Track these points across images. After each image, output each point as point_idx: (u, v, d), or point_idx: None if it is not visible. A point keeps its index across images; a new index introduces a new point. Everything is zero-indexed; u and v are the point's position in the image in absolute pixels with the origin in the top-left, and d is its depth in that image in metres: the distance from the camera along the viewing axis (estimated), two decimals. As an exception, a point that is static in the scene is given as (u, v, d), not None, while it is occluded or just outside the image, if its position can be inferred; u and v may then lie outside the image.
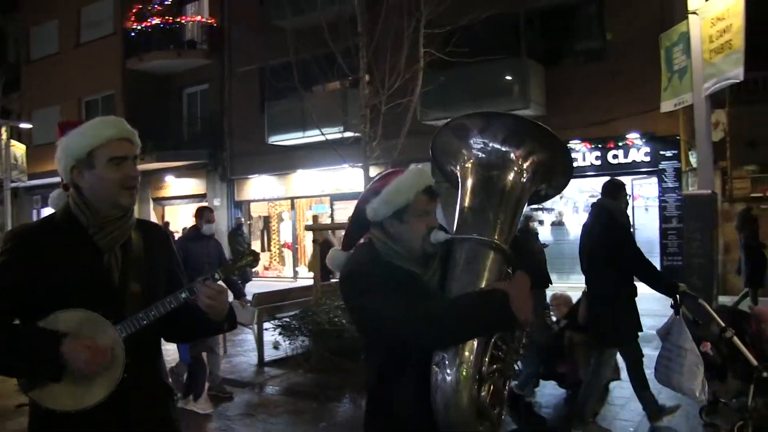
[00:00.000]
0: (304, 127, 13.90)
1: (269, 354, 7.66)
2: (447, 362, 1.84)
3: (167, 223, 18.73)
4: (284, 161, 16.44)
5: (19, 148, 18.44)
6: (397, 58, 9.03)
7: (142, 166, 18.20)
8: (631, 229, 5.34)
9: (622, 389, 5.57)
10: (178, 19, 18.44)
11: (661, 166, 12.72)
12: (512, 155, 2.00)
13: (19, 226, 2.12)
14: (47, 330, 1.82)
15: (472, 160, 2.06)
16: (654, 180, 12.96)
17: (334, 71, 9.95)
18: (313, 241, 8.88)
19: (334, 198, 16.56)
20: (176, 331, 2.14)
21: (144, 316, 1.92)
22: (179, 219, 19.87)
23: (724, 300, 9.11)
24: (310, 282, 9.36)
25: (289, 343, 7.39)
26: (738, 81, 8.11)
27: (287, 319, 7.51)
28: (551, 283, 6.77)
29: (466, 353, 1.83)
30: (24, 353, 1.80)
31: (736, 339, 4.24)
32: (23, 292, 1.85)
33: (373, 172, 9.17)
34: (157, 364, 2.11)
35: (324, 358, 7.00)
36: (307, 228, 8.74)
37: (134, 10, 18.86)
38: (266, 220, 19.14)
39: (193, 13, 19.12)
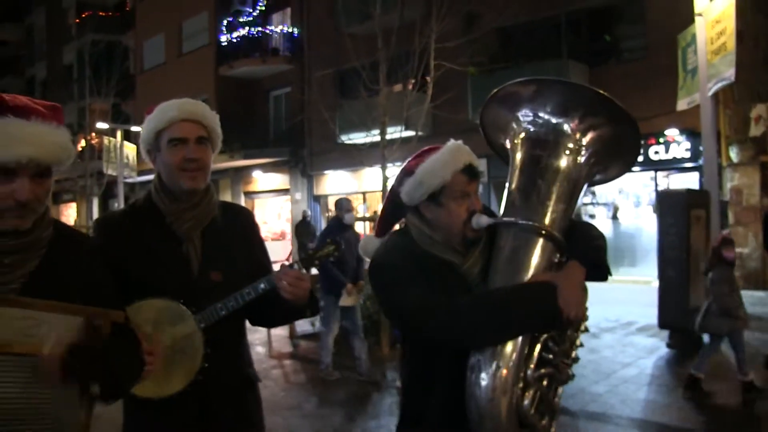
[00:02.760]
0: (368, 127, 15.26)
1: (302, 329, 8.94)
2: (482, 365, 1.63)
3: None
4: (355, 158, 17.84)
5: (130, 149, 21.20)
6: (411, 69, 10.28)
7: (232, 163, 20.34)
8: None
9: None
10: (262, 29, 20.35)
11: (701, 162, 12.92)
12: (568, 127, 1.74)
13: (104, 213, 2.23)
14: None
15: (522, 134, 1.80)
16: (695, 175, 13.21)
17: (393, 75, 11.17)
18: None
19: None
20: (260, 317, 2.10)
21: (222, 306, 1.89)
22: (266, 211, 21.96)
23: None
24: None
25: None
26: (731, 82, 8.60)
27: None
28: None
29: (506, 355, 1.62)
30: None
31: None
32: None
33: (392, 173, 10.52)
34: (238, 354, 2.06)
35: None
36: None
37: (225, 23, 20.99)
38: (345, 213, 20.69)
39: (278, 23, 20.96)
